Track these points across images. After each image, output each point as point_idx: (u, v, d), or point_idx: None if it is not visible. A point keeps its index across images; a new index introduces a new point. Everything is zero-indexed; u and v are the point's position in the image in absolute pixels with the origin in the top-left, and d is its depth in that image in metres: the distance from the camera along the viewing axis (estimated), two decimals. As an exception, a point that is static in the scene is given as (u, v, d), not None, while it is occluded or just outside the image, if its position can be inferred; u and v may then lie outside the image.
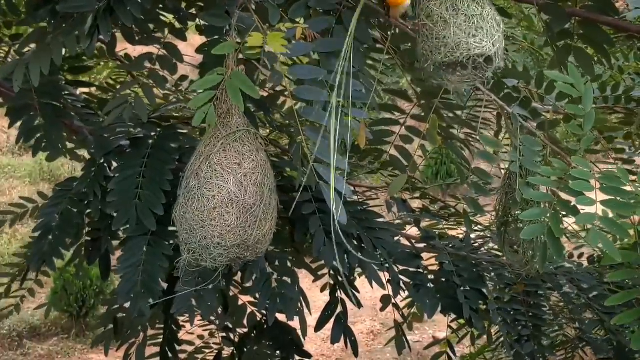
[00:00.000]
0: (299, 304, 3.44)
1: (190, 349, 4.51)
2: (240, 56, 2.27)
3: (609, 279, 3.48)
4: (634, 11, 2.36)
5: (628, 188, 2.24)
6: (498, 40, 2.21)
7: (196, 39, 2.76)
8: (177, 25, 3.07)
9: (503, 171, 2.72)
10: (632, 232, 2.25)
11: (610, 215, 2.21)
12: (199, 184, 2.28)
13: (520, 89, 3.33)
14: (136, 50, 3.45)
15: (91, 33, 2.39)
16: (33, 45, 2.98)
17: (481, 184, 2.84)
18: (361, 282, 3.44)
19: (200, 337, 4.57)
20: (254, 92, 2.05)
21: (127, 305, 3.65)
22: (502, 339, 3.76)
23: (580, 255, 4.38)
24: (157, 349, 4.03)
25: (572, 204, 2.19)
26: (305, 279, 3.75)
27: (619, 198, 2.18)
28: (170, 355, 3.98)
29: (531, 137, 2.39)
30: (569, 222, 4.33)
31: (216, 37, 2.47)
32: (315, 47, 2.33)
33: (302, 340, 3.90)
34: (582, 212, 2.18)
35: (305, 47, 2.26)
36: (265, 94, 3.39)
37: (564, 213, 2.24)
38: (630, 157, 4.08)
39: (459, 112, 3.40)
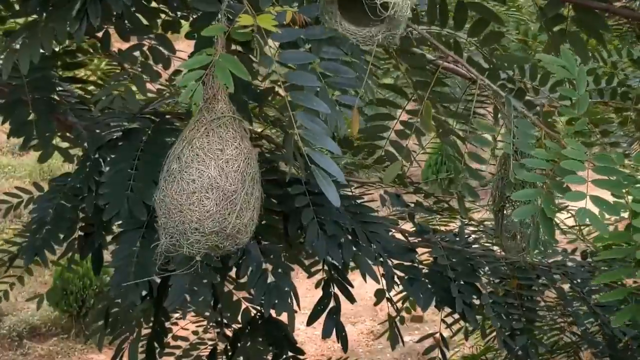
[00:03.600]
0: (289, 299, 3.43)
1: (184, 344, 4.50)
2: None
3: (597, 281, 3.47)
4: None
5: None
6: None
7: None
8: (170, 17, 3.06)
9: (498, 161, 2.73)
10: (626, 214, 2.24)
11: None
12: (180, 168, 2.24)
13: (515, 80, 3.33)
14: (130, 46, 3.45)
15: (79, 17, 2.38)
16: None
17: (472, 186, 2.85)
18: (360, 282, 3.43)
19: (195, 332, 4.56)
20: (244, 74, 2.05)
21: (119, 301, 3.69)
22: (495, 333, 3.74)
23: (574, 251, 4.38)
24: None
25: (564, 184, 2.19)
26: (299, 278, 3.75)
27: (611, 177, 2.17)
28: (158, 348, 3.95)
29: (525, 120, 2.39)
30: (562, 219, 4.35)
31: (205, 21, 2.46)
32: (306, 34, 2.34)
33: (292, 334, 3.89)
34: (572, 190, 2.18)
35: (295, 32, 2.26)
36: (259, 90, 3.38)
37: (558, 195, 2.23)
38: (626, 151, 4.10)
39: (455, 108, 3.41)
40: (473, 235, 4.15)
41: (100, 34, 3.37)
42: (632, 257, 2.28)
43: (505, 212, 2.68)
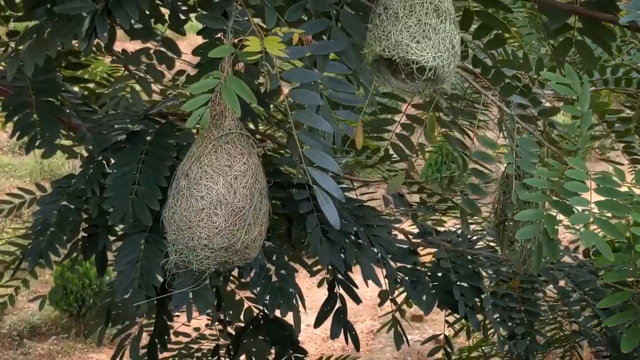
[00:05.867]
0: (295, 300, 3.45)
1: (185, 339, 4.51)
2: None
3: (603, 280, 3.48)
4: (625, 17, 2.33)
5: (624, 188, 2.25)
6: (444, 58, 2.11)
7: (196, 38, 2.75)
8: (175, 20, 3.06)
9: (501, 168, 2.73)
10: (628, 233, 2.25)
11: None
12: (189, 185, 2.24)
13: (520, 76, 3.32)
14: (133, 46, 3.45)
15: (89, 34, 2.38)
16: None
17: (478, 185, 2.84)
18: (360, 281, 3.44)
19: (196, 329, 4.57)
20: (251, 97, 2.05)
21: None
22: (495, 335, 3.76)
23: (576, 249, 4.39)
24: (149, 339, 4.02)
25: (567, 204, 2.18)
26: (303, 278, 3.76)
27: (613, 199, 2.18)
28: (159, 346, 3.96)
29: (528, 138, 2.39)
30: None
31: (213, 39, 2.46)
32: (312, 49, 2.34)
33: (295, 334, 3.90)
34: (576, 212, 2.18)
35: (303, 50, 2.26)
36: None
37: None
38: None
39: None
40: (476, 235, 4.16)
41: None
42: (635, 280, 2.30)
43: (507, 224, 2.69)
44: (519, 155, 2.36)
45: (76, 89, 3.92)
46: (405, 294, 4.01)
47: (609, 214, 2.21)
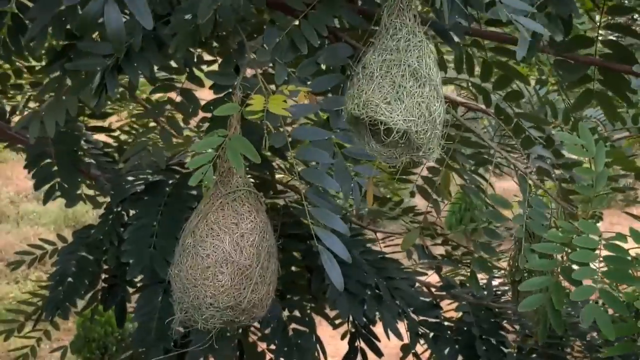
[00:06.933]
0: (316, 354, 3.41)
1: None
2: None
3: (606, 354, 3.40)
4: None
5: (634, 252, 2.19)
6: (418, 123, 2.01)
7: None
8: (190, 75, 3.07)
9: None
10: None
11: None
12: (194, 242, 2.21)
13: (544, 127, 3.26)
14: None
15: (99, 91, 2.38)
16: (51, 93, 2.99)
17: (494, 229, 2.80)
18: (383, 331, 3.40)
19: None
20: (255, 157, 2.03)
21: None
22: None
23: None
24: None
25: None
26: (327, 326, 3.72)
27: (621, 268, 2.12)
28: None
29: (539, 199, 2.35)
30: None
31: (222, 95, 2.45)
32: (323, 105, 2.32)
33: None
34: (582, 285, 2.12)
35: (309, 107, 2.25)
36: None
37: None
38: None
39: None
40: (501, 287, 4.09)
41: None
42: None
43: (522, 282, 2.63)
44: (530, 216, 2.32)
45: (100, 137, 3.93)
46: (428, 349, 3.96)
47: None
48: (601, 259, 2.14)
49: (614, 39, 3.22)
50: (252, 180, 3.02)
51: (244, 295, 2.22)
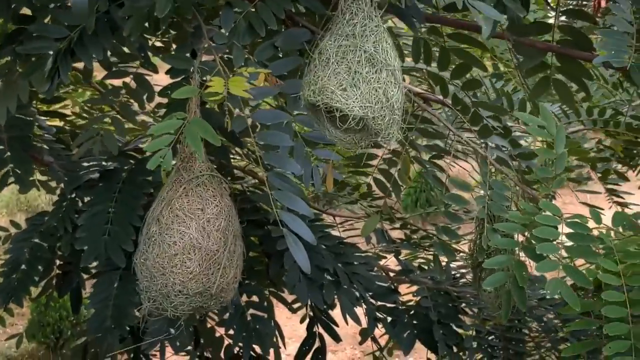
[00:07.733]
0: (274, 338, 3.40)
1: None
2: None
3: (566, 331, 3.42)
4: (597, 58, 2.30)
5: (596, 232, 2.21)
6: (375, 110, 1.99)
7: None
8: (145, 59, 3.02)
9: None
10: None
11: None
12: (160, 230, 2.19)
13: (501, 117, 3.27)
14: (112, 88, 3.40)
15: (51, 75, 2.32)
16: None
17: (456, 212, 2.80)
18: (341, 314, 3.40)
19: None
20: (215, 139, 1.99)
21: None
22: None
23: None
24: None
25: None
26: (279, 307, 3.70)
27: (584, 244, 2.13)
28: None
29: (500, 181, 2.35)
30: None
31: (179, 79, 2.41)
32: (282, 88, 2.29)
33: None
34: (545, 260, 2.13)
35: (270, 90, 2.22)
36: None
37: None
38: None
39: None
40: (460, 270, 4.10)
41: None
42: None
43: (482, 266, 2.63)
44: (491, 198, 2.32)
45: (54, 122, 3.86)
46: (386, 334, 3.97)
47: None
48: (563, 236, 2.16)
49: (569, 23, 3.23)
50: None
51: (213, 280, 2.22)
